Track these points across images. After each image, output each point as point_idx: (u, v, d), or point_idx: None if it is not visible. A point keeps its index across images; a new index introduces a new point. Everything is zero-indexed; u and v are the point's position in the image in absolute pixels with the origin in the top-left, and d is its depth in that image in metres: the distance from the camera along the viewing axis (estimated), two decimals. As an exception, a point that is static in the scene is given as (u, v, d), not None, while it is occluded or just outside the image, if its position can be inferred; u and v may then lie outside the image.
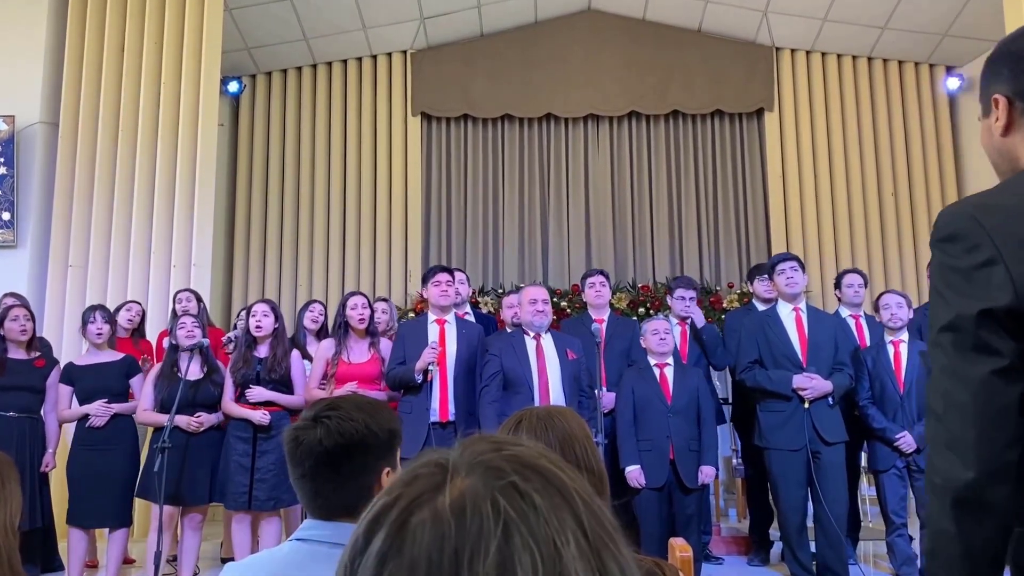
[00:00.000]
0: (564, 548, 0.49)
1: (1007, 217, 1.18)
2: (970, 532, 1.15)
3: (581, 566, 0.49)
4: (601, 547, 0.51)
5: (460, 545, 0.49)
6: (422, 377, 4.36)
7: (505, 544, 0.49)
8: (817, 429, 4.45)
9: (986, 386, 1.15)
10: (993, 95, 1.33)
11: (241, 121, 8.56)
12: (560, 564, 0.49)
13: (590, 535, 0.51)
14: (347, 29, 8.13)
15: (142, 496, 4.49)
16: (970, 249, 1.18)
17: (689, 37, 8.52)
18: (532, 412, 1.55)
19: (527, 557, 0.48)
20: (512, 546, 0.48)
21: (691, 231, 8.43)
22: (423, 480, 0.53)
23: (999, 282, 1.15)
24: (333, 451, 1.39)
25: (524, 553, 0.48)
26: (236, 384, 4.56)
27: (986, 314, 1.15)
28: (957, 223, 1.21)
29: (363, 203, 8.36)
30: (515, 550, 0.48)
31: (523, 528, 0.49)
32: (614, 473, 4.31)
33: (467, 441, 0.57)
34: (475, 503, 0.51)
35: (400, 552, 0.50)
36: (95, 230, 6.34)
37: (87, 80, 6.51)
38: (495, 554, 0.48)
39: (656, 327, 4.61)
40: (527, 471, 0.53)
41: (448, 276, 4.63)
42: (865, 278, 5.39)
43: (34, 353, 4.76)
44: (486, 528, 0.49)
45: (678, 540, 1.97)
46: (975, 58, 8.29)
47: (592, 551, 0.50)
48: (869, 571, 4.83)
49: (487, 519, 0.49)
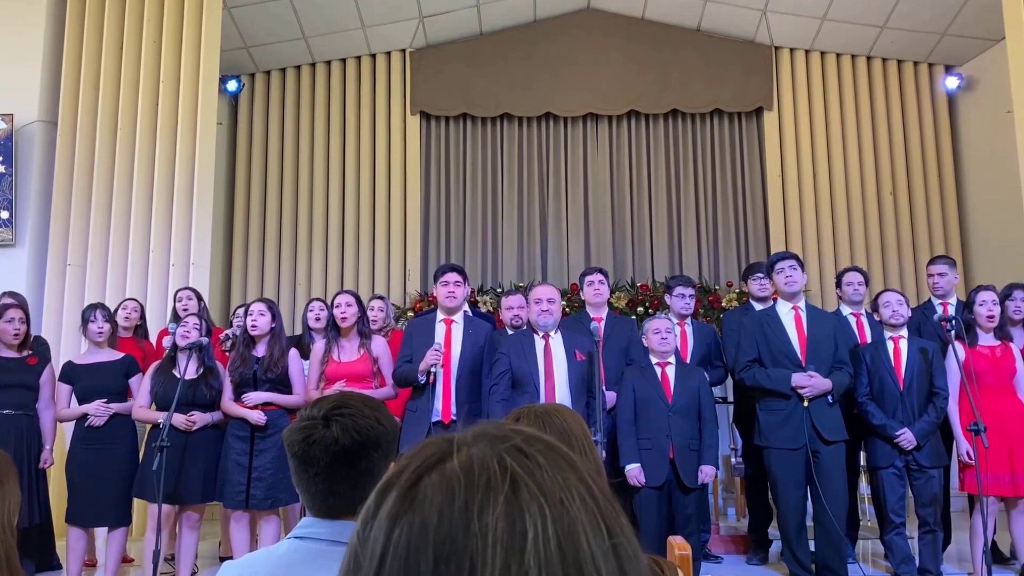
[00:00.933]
0: (570, 503, 0.51)
1: None
2: None
3: (587, 520, 0.50)
4: (605, 509, 0.52)
5: (470, 498, 0.50)
6: (425, 378, 4.36)
7: (513, 496, 0.50)
8: (816, 428, 4.44)
9: None
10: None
11: (240, 120, 8.56)
12: (567, 516, 0.50)
13: (596, 496, 0.53)
14: (346, 28, 8.12)
15: (138, 495, 4.49)
16: None
17: (688, 36, 8.52)
18: (530, 409, 1.56)
19: (535, 507, 0.49)
20: (520, 497, 0.50)
21: (690, 230, 8.43)
22: (431, 448, 0.55)
23: None
24: (351, 448, 1.39)
25: (532, 503, 0.50)
26: (234, 383, 4.56)
27: None
28: None
29: (362, 202, 8.36)
30: (523, 501, 0.50)
31: (530, 482, 0.51)
32: (614, 471, 4.31)
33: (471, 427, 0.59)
34: (483, 462, 0.52)
35: (411, 510, 0.51)
36: (94, 229, 6.33)
37: (86, 78, 6.51)
38: (503, 504, 0.49)
39: (658, 326, 4.61)
40: (530, 439, 0.55)
41: (457, 276, 4.61)
42: (866, 276, 5.39)
43: (26, 352, 4.75)
44: (494, 482, 0.51)
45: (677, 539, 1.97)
46: (974, 57, 8.30)
47: (598, 510, 0.52)
48: (868, 570, 4.83)
49: (494, 475, 0.51)
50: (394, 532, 0.50)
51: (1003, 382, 4.51)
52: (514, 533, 0.48)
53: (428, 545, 0.49)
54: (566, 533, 0.49)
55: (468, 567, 0.48)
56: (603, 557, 0.49)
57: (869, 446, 4.70)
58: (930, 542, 4.52)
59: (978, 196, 8.21)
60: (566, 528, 0.49)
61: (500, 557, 0.48)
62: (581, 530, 0.50)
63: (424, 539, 0.49)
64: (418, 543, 0.49)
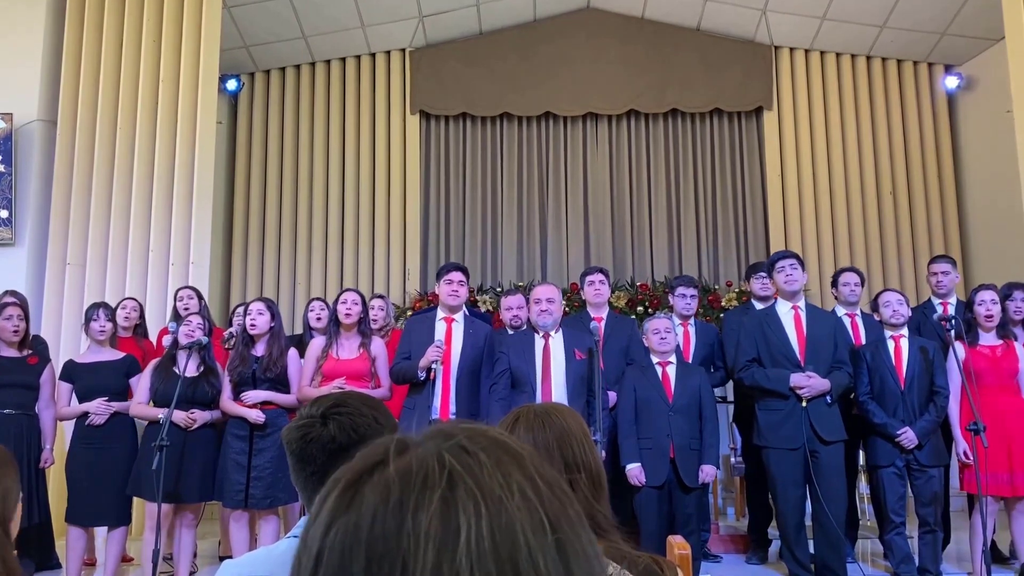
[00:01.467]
0: (508, 499, 0.50)
1: None
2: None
3: (526, 517, 0.49)
4: (550, 504, 0.51)
5: (405, 497, 0.49)
6: (425, 374, 4.35)
7: (450, 493, 0.49)
8: (815, 428, 4.44)
9: None
10: None
11: (240, 119, 8.56)
12: (505, 512, 0.49)
13: (541, 491, 0.51)
14: (346, 27, 8.12)
15: (134, 493, 4.48)
16: None
17: (688, 35, 8.52)
18: (530, 409, 1.55)
19: (471, 505, 0.49)
20: (457, 495, 0.49)
21: (690, 230, 8.43)
22: (378, 449, 0.54)
23: None
24: (348, 447, 1.39)
25: (468, 501, 0.49)
26: (233, 382, 4.56)
27: None
28: None
29: (361, 201, 8.35)
30: (459, 499, 0.49)
31: (468, 479, 0.50)
32: (614, 471, 4.31)
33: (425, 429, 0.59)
34: (422, 460, 0.52)
35: (348, 510, 0.50)
36: (93, 228, 6.33)
37: (85, 78, 6.50)
38: (439, 502, 0.49)
39: (657, 326, 4.61)
40: (476, 435, 0.54)
41: (461, 275, 4.61)
42: (862, 277, 5.38)
43: (26, 351, 4.75)
44: (431, 480, 0.50)
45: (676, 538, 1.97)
46: (974, 57, 8.29)
47: (542, 505, 0.51)
48: (867, 569, 4.83)
49: (432, 473, 0.50)
50: (330, 533, 0.50)
51: (1004, 381, 4.50)
52: (447, 531, 0.48)
53: (361, 545, 0.48)
54: (502, 530, 0.48)
55: (400, 567, 0.47)
56: (543, 552, 0.48)
57: (869, 445, 4.69)
58: (930, 542, 4.52)
59: (978, 196, 8.21)
60: (503, 525, 0.48)
61: (432, 556, 0.47)
62: (519, 527, 0.49)
63: (357, 539, 0.49)
64: (351, 543, 0.49)
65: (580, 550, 0.51)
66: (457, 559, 0.47)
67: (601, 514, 1.47)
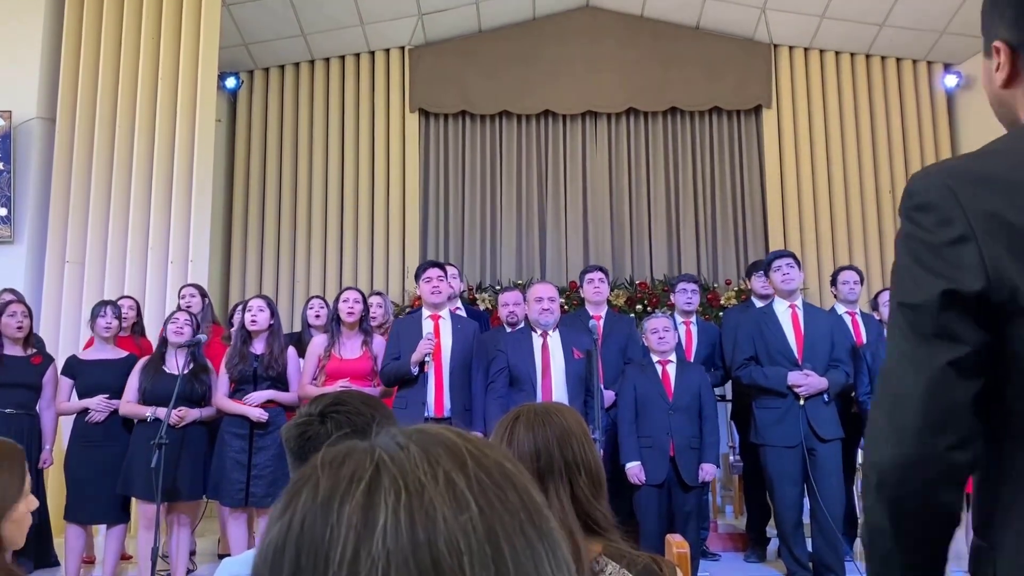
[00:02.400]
0: (432, 485, 0.50)
1: (986, 189, 1.02)
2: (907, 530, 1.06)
3: (448, 500, 0.49)
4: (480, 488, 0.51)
5: (333, 492, 0.50)
6: (418, 369, 4.35)
7: (376, 484, 0.50)
8: (812, 426, 4.45)
9: (941, 379, 1.00)
10: (994, 40, 1.14)
11: (239, 117, 8.55)
12: (425, 496, 0.49)
13: (470, 476, 0.51)
14: (345, 25, 8.11)
15: (125, 491, 4.48)
16: (941, 223, 1.02)
17: (687, 34, 8.52)
18: (530, 408, 1.56)
19: (392, 493, 0.49)
20: (381, 485, 0.50)
21: (689, 228, 8.43)
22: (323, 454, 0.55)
23: (970, 263, 0.99)
24: None
25: (391, 490, 0.49)
26: (232, 380, 4.55)
27: (951, 296, 1.00)
28: (930, 192, 1.05)
29: (360, 199, 8.35)
30: (383, 488, 0.49)
31: (394, 469, 0.50)
32: (613, 469, 4.32)
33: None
34: (355, 458, 0.52)
35: (287, 510, 0.51)
36: (92, 226, 6.33)
37: (84, 75, 6.49)
38: (362, 494, 0.49)
39: (655, 325, 4.61)
40: (416, 431, 0.55)
41: (439, 272, 4.60)
42: (861, 275, 5.40)
43: (31, 350, 4.75)
44: (359, 474, 0.50)
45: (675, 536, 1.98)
46: (973, 55, 8.29)
47: (471, 489, 0.50)
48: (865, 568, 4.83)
49: (360, 466, 0.51)
50: (268, 534, 0.51)
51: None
52: (367, 520, 0.48)
53: (292, 542, 0.49)
54: (421, 513, 0.48)
55: (324, 559, 0.48)
56: (464, 533, 0.48)
57: (867, 444, 4.69)
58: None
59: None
60: (422, 508, 0.48)
61: (351, 545, 0.47)
62: (439, 510, 0.48)
63: (289, 536, 0.50)
64: (283, 541, 0.50)
65: (515, 532, 0.50)
66: (374, 546, 0.47)
67: (600, 513, 1.48)
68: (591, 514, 1.46)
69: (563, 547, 0.53)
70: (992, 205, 1.01)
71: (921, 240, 1.04)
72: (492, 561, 0.48)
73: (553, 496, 1.43)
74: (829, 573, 4.41)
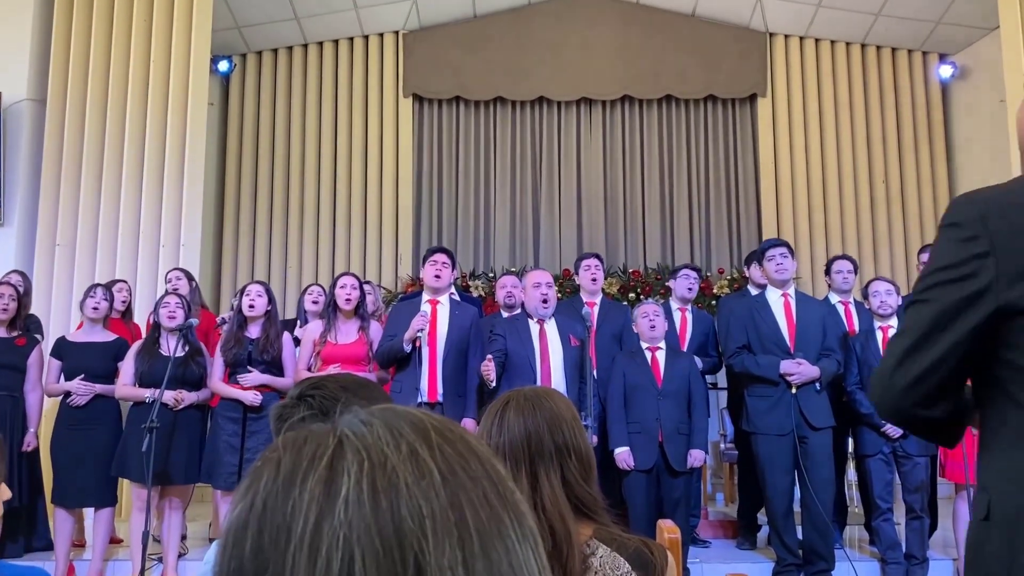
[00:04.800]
0: (394, 454, 0.50)
1: (1016, 218, 1.23)
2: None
3: (411, 468, 0.49)
4: (443, 457, 0.51)
5: (296, 468, 0.50)
6: (411, 347, 4.34)
7: (339, 458, 0.50)
8: (804, 414, 4.46)
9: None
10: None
11: (231, 101, 8.50)
12: (388, 465, 0.49)
13: (433, 447, 0.51)
14: (338, 9, 8.06)
15: (119, 474, 4.48)
16: (967, 239, 1.24)
17: (683, 21, 8.49)
18: (520, 393, 1.55)
19: (355, 464, 0.49)
20: (344, 458, 0.49)
21: (682, 216, 8.43)
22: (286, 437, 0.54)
23: (986, 280, 1.23)
24: None
25: (353, 462, 0.49)
26: (227, 364, 4.54)
27: (968, 300, 1.24)
28: (963, 213, 1.28)
29: (353, 185, 8.32)
30: (346, 461, 0.49)
31: (357, 443, 0.50)
32: (604, 455, 4.33)
33: None
34: (317, 436, 0.52)
35: (247, 493, 0.51)
36: (83, 209, 6.29)
37: (75, 57, 6.44)
38: (324, 468, 0.49)
39: (646, 311, 4.61)
40: (379, 410, 0.54)
41: (445, 257, 4.61)
42: (855, 264, 5.40)
43: (14, 332, 4.73)
44: (321, 450, 0.50)
45: (666, 522, 1.98)
46: (968, 46, 8.30)
47: (433, 457, 0.50)
48: (855, 555, 4.87)
49: (324, 443, 0.51)
50: (232, 514, 0.51)
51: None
52: (329, 491, 0.48)
53: (254, 519, 0.49)
54: (384, 481, 0.48)
55: (286, 532, 0.47)
56: (426, 499, 0.48)
57: (857, 434, 4.72)
58: (916, 528, 4.56)
59: (970, 185, 8.17)
60: (385, 476, 0.48)
61: (312, 518, 0.47)
62: (402, 478, 0.48)
63: (252, 514, 0.49)
64: (245, 521, 0.50)
65: (479, 499, 0.50)
66: (336, 515, 0.47)
67: (591, 496, 1.48)
68: (582, 497, 1.46)
69: (529, 519, 0.53)
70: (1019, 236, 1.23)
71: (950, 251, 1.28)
72: (455, 527, 0.48)
73: (544, 479, 1.43)
74: (819, 561, 4.44)
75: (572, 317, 4.63)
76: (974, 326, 1.24)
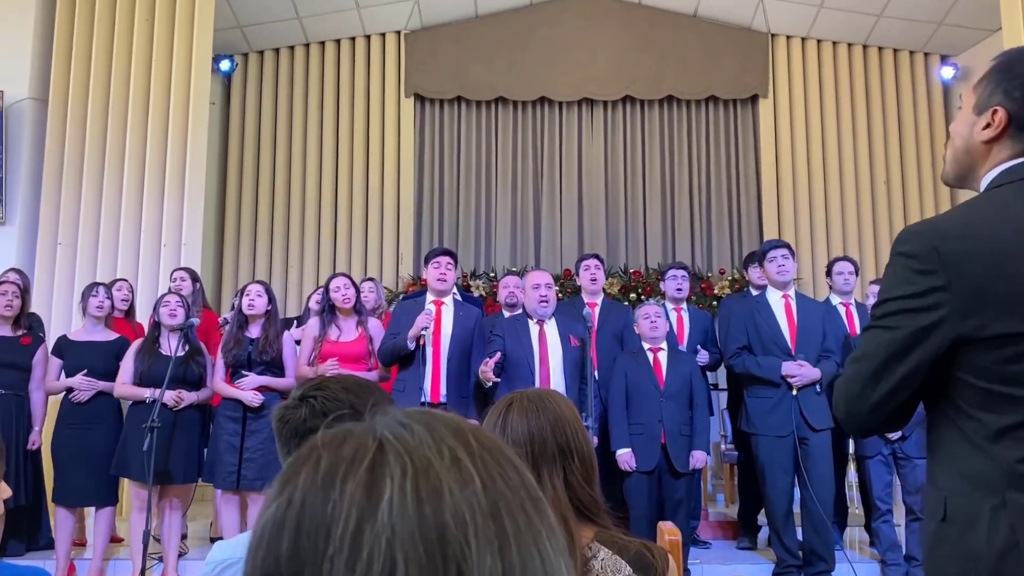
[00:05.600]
0: (437, 460, 0.50)
1: (967, 252, 1.29)
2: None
3: (454, 474, 0.49)
4: (483, 464, 0.51)
5: (335, 469, 0.50)
6: (414, 345, 4.34)
7: (379, 461, 0.50)
8: (804, 416, 4.46)
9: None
10: (995, 104, 1.38)
11: (233, 100, 8.50)
12: (431, 471, 0.49)
13: (474, 454, 0.51)
14: (341, 8, 8.06)
15: (119, 473, 4.48)
16: (924, 271, 1.31)
17: (684, 22, 8.48)
18: (523, 394, 1.56)
19: (398, 468, 0.49)
20: (386, 461, 0.49)
21: (683, 217, 8.42)
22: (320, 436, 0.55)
23: (943, 312, 1.29)
24: (317, 431, 1.39)
25: (396, 466, 0.49)
26: (227, 364, 4.55)
27: (926, 330, 1.31)
28: (916, 244, 1.33)
29: (355, 184, 8.32)
30: (388, 464, 0.49)
31: (398, 446, 0.50)
32: (605, 456, 4.33)
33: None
34: (356, 437, 0.52)
35: (284, 490, 0.51)
36: (84, 208, 6.29)
37: (77, 56, 6.44)
38: (366, 471, 0.49)
39: (647, 312, 4.62)
40: (412, 412, 0.55)
41: (449, 259, 4.61)
42: (856, 266, 5.40)
43: (20, 331, 4.73)
44: (361, 452, 0.50)
45: (667, 524, 1.98)
46: (970, 47, 8.29)
47: (474, 465, 0.50)
48: (855, 557, 4.87)
49: (363, 445, 0.51)
50: (265, 513, 0.51)
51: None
52: (371, 494, 0.48)
53: (292, 520, 0.49)
54: (427, 487, 0.48)
55: (325, 534, 0.47)
56: (470, 511, 0.48)
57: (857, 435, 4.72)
58: (916, 529, 4.56)
59: (971, 187, 8.22)
60: (428, 482, 0.48)
61: (354, 519, 0.47)
62: (445, 484, 0.48)
63: (289, 514, 0.49)
64: (281, 520, 0.49)
65: (517, 508, 0.50)
66: (379, 519, 0.47)
67: (593, 499, 1.48)
68: (583, 500, 1.47)
69: (558, 529, 0.53)
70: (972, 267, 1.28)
71: (908, 281, 1.33)
72: (496, 536, 0.48)
73: (547, 481, 1.43)
74: (819, 562, 4.44)
75: (572, 317, 4.63)
76: (931, 353, 1.31)
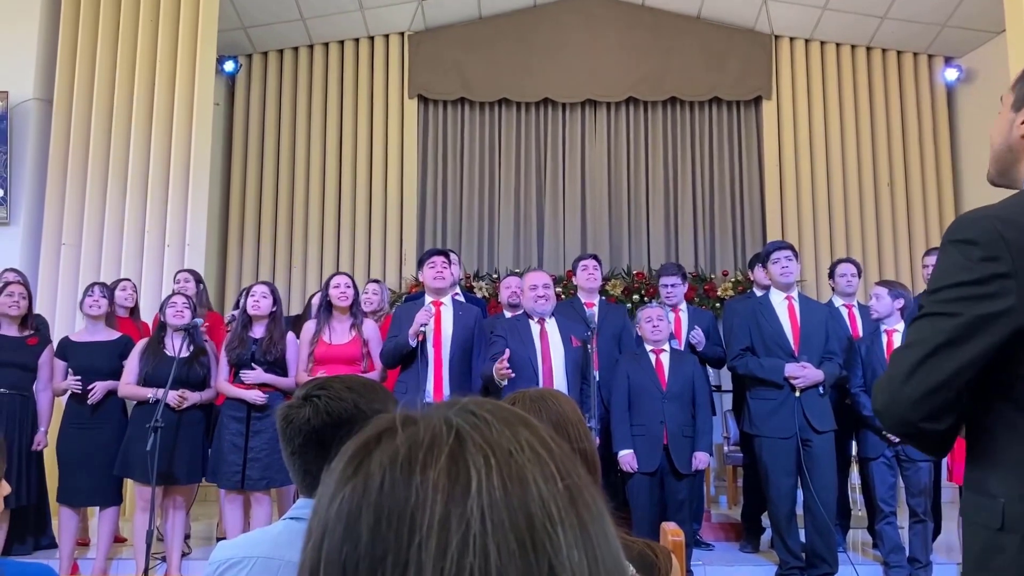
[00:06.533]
0: (518, 452, 0.50)
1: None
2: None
3: (537, 468, 0.50)
4: (561, 460, 0.52)
5: (413, 456, 0.49)
6: (415, 342, 4.34)
7: (458, 449, 0.49)
8: (807, 417, 4.45)
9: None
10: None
11: (237, 101, 8.52)
12: (515, 464, 0.49)
13: (551, 448, 0.52)
14: (345, 9, 8.07)
15: (123, 473, 4.48)
16: (988, 258, 1.24)
17: (688, 23, 8.49)
18: (525, 394, 1.56)
19: (480, 458, 0.49)
20: (466, 450, 0.49)
21: (686, 218, 8.42)
22: (383, 420, 0.54)
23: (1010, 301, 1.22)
24: (321, 430, 1.40)
25: (477, 455, 0.49)
26: (231, 364, 4.55)
27: (989, 318, 1.23)
28: (978, 230, 1.27)
29: (358, 185, 8.33)
30: (468, 454, 0.49)
31: (476, 436, 0.50)
32: (607, 457, 4.33)
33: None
34: (429, 423, 0.52)
35: (355, 475, 0.50)
36: (89, 208, 6.31)
37: (82, 57, 6.46)
38: (446, 458, 0.49)
39: (649, 314, 4.62)
40: (480, 402, 0.55)
41: (443, 259, 4.62)
42: (859, 268, 5.39)
43: (27, 331, 4.74)
44: (438, 440, 0.50)
45: (670, 524, 1.98)
46: (974, 49, 8.28)
47: (552, 460, 0.51)
48: (858, 559, 4.86)
49: (439, 433, 0.51)
50: (337, 498, 0.50)
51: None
52: (456, 483, 0.48)
53: (369, 506, 0.48)
54: (514, 479, 0.48)
55: (408, 521, 0.47)
56: (555, 501, 0.49)
57: (860, 437, 4.72)
58: (920, 532, 4.56)
59: (975, 189, 8.21)
60: (514, 474, 0.49)
61: (440, 506, 0.47)
62: (531, 476, 0.49)
63: (366, 500, 0.49)
64: (359, 504, 0.49)
65: (591, 502, 0.51)
66: (468, 508, 0.47)
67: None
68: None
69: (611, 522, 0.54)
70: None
71: (968, 269, 1.26)
72: (578, 526, 0.49)
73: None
74: (822, 564, 4.43)
75: (572, 318, 4.64)
76: (990, 345, 1.23)
